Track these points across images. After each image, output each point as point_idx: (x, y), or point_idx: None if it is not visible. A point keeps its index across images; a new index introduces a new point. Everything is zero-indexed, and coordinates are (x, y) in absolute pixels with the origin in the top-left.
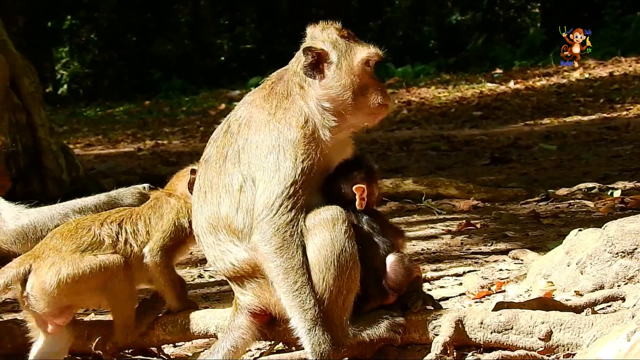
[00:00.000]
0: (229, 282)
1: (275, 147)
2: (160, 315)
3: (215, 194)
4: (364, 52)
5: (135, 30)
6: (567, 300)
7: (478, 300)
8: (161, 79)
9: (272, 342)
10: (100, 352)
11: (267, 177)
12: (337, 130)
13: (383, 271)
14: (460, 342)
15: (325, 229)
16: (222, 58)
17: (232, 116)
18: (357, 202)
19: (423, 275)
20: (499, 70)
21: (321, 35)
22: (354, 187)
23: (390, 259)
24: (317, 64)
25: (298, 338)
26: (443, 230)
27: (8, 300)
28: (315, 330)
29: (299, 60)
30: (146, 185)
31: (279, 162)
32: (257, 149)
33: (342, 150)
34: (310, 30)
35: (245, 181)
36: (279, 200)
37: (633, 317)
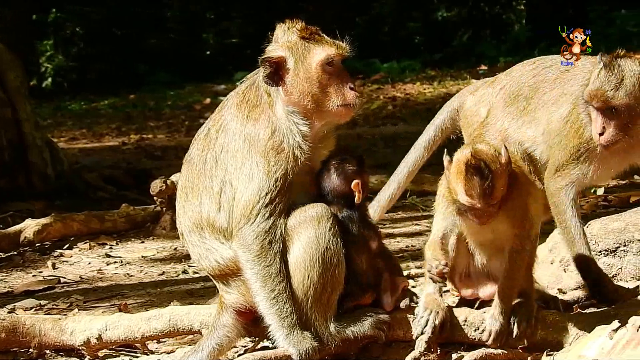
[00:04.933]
0: (214, 281)
1: (247, 158)
2: None
3: (196, 194)
4: (321, 53)
5: (121, 24)
6: None
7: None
8: (146, 73)
9: (257, 339)
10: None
11: (242, 186)
12: (309, 131)
13: (364, 269)
14: (444, 339)
15: (310, 227)
16: (208, 52)
17: (212, 119)
18: (356, 197)
19: (407, 272)
20: (484, 67)
21: (282, 37)
22: (352, 185)
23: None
24: (276, 71)
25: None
26: (428, 227)
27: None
28: (294, 333)
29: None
30: None
31: (252, 173)
32: (232, 157)
33: (324, 146)
34: (277, 30)
35: (224, 185)
36: (255, 209)
37: (616, 315)
